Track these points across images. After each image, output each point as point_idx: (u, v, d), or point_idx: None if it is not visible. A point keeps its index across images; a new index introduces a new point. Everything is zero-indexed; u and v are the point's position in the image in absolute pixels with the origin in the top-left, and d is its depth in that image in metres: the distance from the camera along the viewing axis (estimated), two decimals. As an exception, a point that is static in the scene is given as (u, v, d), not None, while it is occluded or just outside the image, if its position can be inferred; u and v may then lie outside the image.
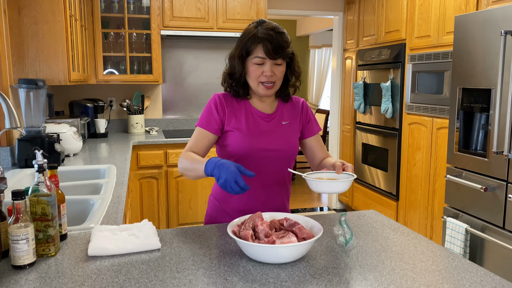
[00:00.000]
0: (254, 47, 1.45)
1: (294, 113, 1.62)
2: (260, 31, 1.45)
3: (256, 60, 1.46)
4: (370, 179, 4.11)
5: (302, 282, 1.02)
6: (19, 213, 1.08)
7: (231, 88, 1.57)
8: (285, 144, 1.56)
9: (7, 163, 2.34)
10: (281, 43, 1.44)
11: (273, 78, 1.48)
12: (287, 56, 1.49)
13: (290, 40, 1.51)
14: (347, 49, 4.57)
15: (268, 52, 1.43)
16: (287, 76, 1.56)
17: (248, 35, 1.47)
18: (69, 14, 2.66)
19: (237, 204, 1.57)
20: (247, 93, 1.57)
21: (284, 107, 1.62)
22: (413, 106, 3.40)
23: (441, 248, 1.26)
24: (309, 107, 1.69)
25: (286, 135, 1.57)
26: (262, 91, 1.50)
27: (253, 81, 1.50)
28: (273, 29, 1.45)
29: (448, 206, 2.77)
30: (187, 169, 1.45)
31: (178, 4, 3.73)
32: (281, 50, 1.44)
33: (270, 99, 1.60)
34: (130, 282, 1.02)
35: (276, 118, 1.58)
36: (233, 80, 1.55)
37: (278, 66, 1.48)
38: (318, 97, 7.78)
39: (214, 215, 1.62)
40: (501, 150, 2.30)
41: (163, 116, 4.23)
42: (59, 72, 2.57)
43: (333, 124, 4.85)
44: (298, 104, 1.66)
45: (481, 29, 2.45)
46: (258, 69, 1.47)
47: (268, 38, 1.43)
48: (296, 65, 1.56)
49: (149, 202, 3.54)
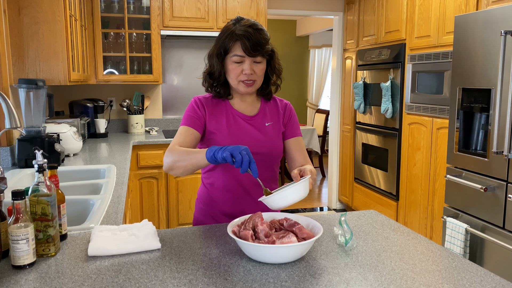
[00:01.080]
0: (232, 45, 1.42)
1: (277, 113, 1.59)
2: (238, 29, 1.42)
3: (235, 58, 1.43)
4: (370, 179, 4.11)
5: (302, 282, 1.02)
6: (19, 213, 1.08)
7: (212, 88, 1.54)
8: (268, 148, 1.52)
9: (7, 163, 2.34)
10: (260, 40, 1.41)
11: (253, 77, 1.45)
12: (267, 53, 1.46)
13: (269, 37, 1.47)
14: (347, 49, 4.57)
15: (246, 50, 1.40)
16: (268, 74, 1.53)
17: (226, 33, 1.44)
18: (69, 14, 2.66)
19: (222, 208, 1.56)
20: (228, 92, 1.54)
21: (267, 107, 1.59)
22: (413, 106, 3.40)
23: (441, 248, 1.26)
24: (294, 110, 1.64)
25: (269, 137, 1.54)
26: (243, 89, 1.48)
27: (233, 79, 1.47)
28: (251, 26, 1.42)
29: (448, 206, 2.77)
30: (180, 160, 1.36)
31: (178, 4, 3.73)
32: (259, 47, 1.42)
33: (251, 98, 1.57)
34: (130, 282, 1.02)
35: (259, 119, 1.55)
36: (213, 79, 1.52)
37: (258, 64, 1.45)
38: (318, 97, 7.78)
39: (201, 219, 1.61)
40: (501, 150, 2.30)
41: (163, 116, 4.23)
42: (59, 72, 2.57)
43: (333, 124, 4.84)
44: (282, 104, 1.62)
45: (481, 29, 2.45)
46: (237, 68, 1.44)
47: (246, 35, 1.40)
48: (277, 62, 1.53)
49: (149, 202, 3.54)
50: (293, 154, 1.58)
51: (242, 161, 1.20)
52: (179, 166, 1.36)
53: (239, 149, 1.21)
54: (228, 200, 1.54)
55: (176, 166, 1.37)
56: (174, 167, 1.38)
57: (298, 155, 1.58)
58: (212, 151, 1.26)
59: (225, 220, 1.55)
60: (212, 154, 1.25)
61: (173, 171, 1.39)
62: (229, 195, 1.54)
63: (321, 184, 6.06)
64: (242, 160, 1.20)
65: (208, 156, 1.27)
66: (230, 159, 1.21)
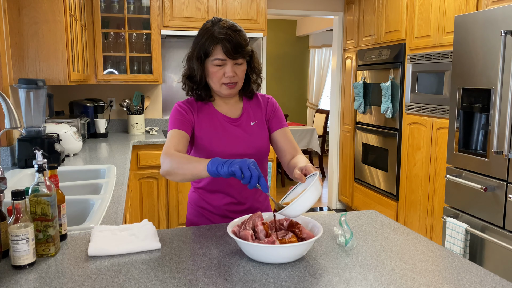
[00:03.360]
0: (213, 48, 1.40)
1: (260, 109, 1.58)
2: (217, 31, 1.40)
3: (216, 62, 1.41)
4: (370, 179, 4.11)
5: (302, 282, 1.02)
6: (19, 213, 1.08)
7: (192, 91, 1.52)
8: (256, 148, 1.52)
9: (7, 163, 2.34)
10: (240, 42, 1.40)
11: (235, 79, 1.44)
12: (247, 54, 1.45)
13: (248, 37, 1.46)
14: (347, 49, 4.57)
15: (227, 52, 1.38)
16: (248, 74, 1.52)
17: (205, 36, 1.41)
18: (69, 14, 2.66)
19: (215, 209, 1.56)
20: (209, 95, 1.52)
21: (250, 106, 1.58)
22: (413, 106, 3.40)
23: (441, 248, 1.26)
24: (277, 104, 1.63)
25: (256, 137, 1.53)
26: (225, 91, 1.46)
27: (215, 83, 1.45)
28: (230, 28, 1.41)
29: (448, 206, 2.77)
30: (179, 167, 1.29)
31: (178, 4, 3.73)
32: (240, 49, 1.40)
33: (234, 99, 1.56)
34: (130, 282, 1.02)
35: (244, 120, 1.54)
36: (193, 83, 1.49)
37: (239, 66, 1.44)
38: (318, 97, 7.78)
39: (195, 220, 1.61)
40: (501, 150, 2.30)
41: (163, 116, 4.23)
42: (59, 72, 2.57)
43: (333, 124, 4.85)
44: (264, 99, 1.61)
45: (481, 29, 2.45)
46: (219, 71, 1.43)
47: (226, 38, 1.38)
48: (256, 62, 1.52)
49: (149, 202, 3.54)
50: (281, 145, 1.56)
51: (250, 177, 1.13)
52: (177, 173, 1.31)
53: (247, 164, 1.14)
54: (221, 202, 1.54)
55: (174, 172, 1.32)
56: (172, 173, 1.32)
57: (287, 145, 1.55)
58: (215, 165, 1.18)
59: (219, 220, 1.55)
60: (215, 168, 1.18)
61: (171, 176, 1.34)
62: (221, 197, 1.54)
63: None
64: (251, 176, 1.13)
65: (210, 169, 1.19)
66: (239, 174, 1.14)
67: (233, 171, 1.15)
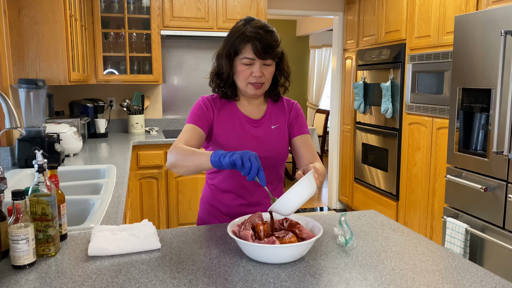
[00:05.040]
0: (243, 47, 1.39)
1: (283, 114, 1.57)
2: (248, 30, 1.39)
3: (245, 61, 1.41)
4: (370, 179, 4.11)
5: (302, 282, 1.02)
6: (19, 213, 1.08)
7: (218, 88, 1.52)
8: (274, 151, 1.51)
9: (7, 163, 2.34)
10: (271, 42, 1.39)
11: (262, 79, 1.43)
12: (277, 55, 1.44)
13: (280, 39, 1.46)
14: (347, 49, 4.57)
15: (257, 52, 1.38)
16: (276, 76, 1.51)
17: (236, 34, 1.41)
18: (69, 14, 2.66)
19: (226, 209, 1.55)
20: (235, 94, 1.52)
21: (273, 109, 1.56)
22: (413, 106, 3.40)
23: (441, 248, 1.26)
24: (301, 110, 1.62)
25: (275, 141, 1.52)
26: (251, 91, 1.45)
27: (242, 81, 1.45)
28: (262, 28, 1.40)
29: (448, 206, 2.77)
30: (184, 159, 1.31)
31: (178, 4, 3.73)
32: (270, 50, 1.39)
33: (258, 100, 1.55)
34: (130, 282, 1.02)
35: (265, 123, 1.53)
36: (220, 80, 1.49)
37: (268, 67, 1.43)
38: (318, 97, 7.78)
39: (205, 218, 1.61)
40: (501, 150, 2.30)
41: (163, 116, 4.23)
42: (59, 72, 2.57)
43: (333, 124, 4.85)
44: (289, 104, 1.60)
45: (481, 29, 2.45)
46: (247, 70, 1.42)
47: (257, 37, 1.37)
48: (286, 65, 1.51)
49: (149, 202, 3.54)
50: (300, 152, 1.55)
51: (250, 168, 1.13)
52: (182, 165, 1.32)
53: (248, 155, 1.15)
54: (232, 202, 1.54)
55: (179, 164, 1.33)
56: (177, 165, 1.34)
57: (305, 152, 1.54)
58: (218, 156, 1.20)
59: (229, 221, 1.54)
60: (218, 159, 1.19)
61: (175, 169, 1.35)
62: (233, 198, 1.54)
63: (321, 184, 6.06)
64: (251, 167, 1.13)
65: (213, 160, 1.21)
66: (240, 163, 1.14)
67: (233, 160, 1.15)
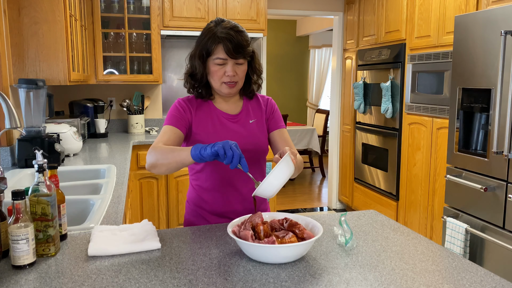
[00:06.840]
0: (215, 47, 1.44)
1: (259, 109, 1.61)
2: (219, 31, 1.44)
3: (217, 61, 1.45)
4: (370, 179, 4.11)
5: (302, 282, 1.02)
6: (19, 213, 1.08)
7: (193, 89, 1.56)
8: (254, 144, 1.54)
9: (7, 163, 2.34)
10: (241, 42, 1.44)
11: (235, 78, 1.48)
12: (248, 54, 1.48)
13: (249, 38, 1.50)
14: (347, 49, 4.57)
15: (229, 52, 1.42)
16: (248, 74, 1.55)
17: (208, 35, 1.45)
18: (69, 14, 2.66)
19: (212, 208, 1.56)
20: (210, 93, 1.56)
21: (250, 105, 1.61)
22: (413, 106, 3.40)
23: (441, 248, 1.26)
24: (276, 105, 1.67)
25: (254, 134, 1.56)
26: (225, 90, 1.50)
27: (216, 81, 1.49)
28: (233, 28, 1.45)
29: (448, 206, 2.77)
30: (163, 158, 1.33)
31: (178, 4, 3.73)
32: (241, 49, 1.44)
33: (234, 98, 1.59)
34: (130, 282, 1.02)
35: (243, 118, 1.57)
36: (195, 80, 1.53)
37: (240, 66, 1.48)
38: (318, 97, 7.78)
39: (192, 220, 1.61)
40: (501, 150, 2.30)
41: (163, 116, 4.23)
42: (59, 72, 2.57)
43: (333, 124, 4.85)
44: (264, 99, 1.65)
45: (481, 29, 2.45)
46: (220, 70, 1.46)
47: (228, 38, 1.42)
48: (257, 63, 1.56)
49: (149, 202, 3.54)
50: (278, 145, 1.60)
51: (232, 157, 1.18)
52: (162, 164, 1.34)
53: (229, 144, 1.19)
54: (218, 200, 1.55)
55: (159, 163, 1.34)
56: (157, 165, 1.35)
57: (283, 145, 1.58)
58: (198, 149, 1.23)
59: (216, 221, 1.56)
60: (198, 152, 1.23)
61: (155, 169, 1.36)
62: (218, 195, 1.55)
63: (321, 184, 6.06)
64: (233, 155, 1.18)
65: (194, 153, 1.24)
66: (222, 152, 1.18)
67: (216, 151, 1.19)
